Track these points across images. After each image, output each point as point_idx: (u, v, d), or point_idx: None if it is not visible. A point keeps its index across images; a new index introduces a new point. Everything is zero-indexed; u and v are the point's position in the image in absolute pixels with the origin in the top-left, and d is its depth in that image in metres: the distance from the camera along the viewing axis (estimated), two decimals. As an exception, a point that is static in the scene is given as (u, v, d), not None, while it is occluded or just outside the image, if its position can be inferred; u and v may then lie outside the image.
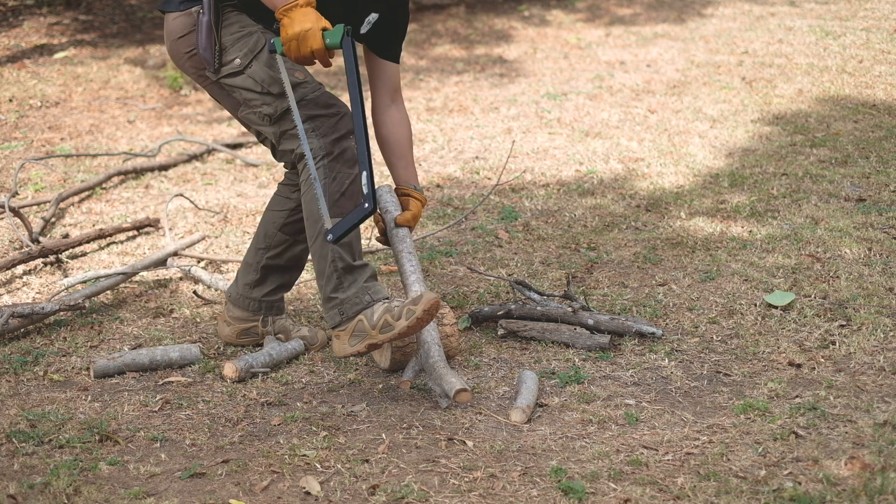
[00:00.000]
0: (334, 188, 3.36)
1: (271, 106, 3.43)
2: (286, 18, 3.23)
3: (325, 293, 3.42)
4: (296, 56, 3.24)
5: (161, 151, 6.30)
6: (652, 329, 3.85)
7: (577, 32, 9.83)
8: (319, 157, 3.37)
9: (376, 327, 3.33)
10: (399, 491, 2.90)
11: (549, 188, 5.63)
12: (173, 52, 3.54)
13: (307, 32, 3.20)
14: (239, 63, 3.43)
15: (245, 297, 3.77)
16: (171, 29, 3.51)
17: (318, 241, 3.40)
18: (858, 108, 6.92)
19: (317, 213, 3.38)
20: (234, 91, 3.49)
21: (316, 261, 3.43)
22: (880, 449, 3.02)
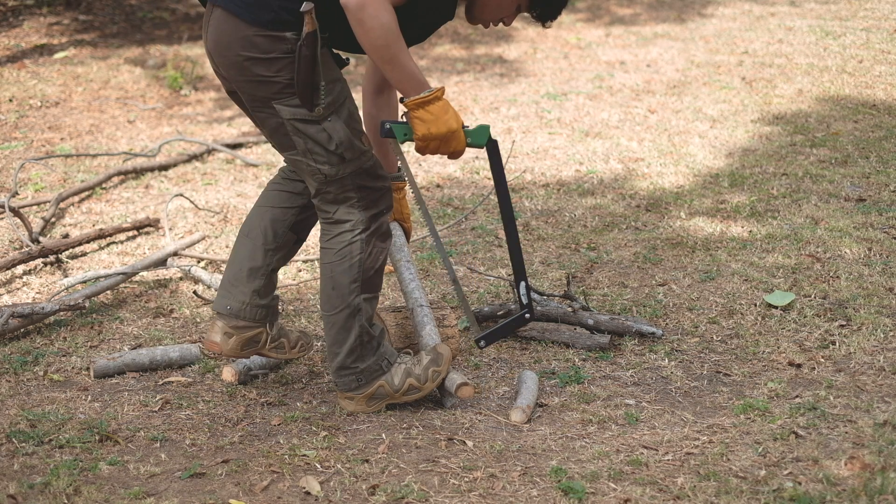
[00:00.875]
0: (369, 263, 3.23)
1: (334, 168, 3.15)
2: (424, 112, 3.08)
3: (341, 362, 3.28)
4: (432, 153, 3.16)
5: (161, 151, 6.30)
6: (652, 329, 3.85)
7: (577, 32, 9.83)
8: (359, 231, 3.20)
9: (400, 391, 3.33)
10: (399, 491, 2.90)
11: (549, 188, 5.63)
12: (240, 66, 3.09)
13: (454, 134, 3.12)
14: (321, 111, 3.10)
15: (253, 305, 3.38)
16: (249, 44, 3.06)
17: (344, 314, 3.23)
18: (858, 108, 6.92)
19: (347, 287, 3.22)
20: (298, 136, 3.13)
21: (335, 332, 3.26)
22: (880, 449, 3.02)
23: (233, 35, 3.08)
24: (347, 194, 3.18)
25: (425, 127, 3.09)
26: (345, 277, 3.22)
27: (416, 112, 3.09)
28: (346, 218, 3.20)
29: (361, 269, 3.22)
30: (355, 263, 3.21)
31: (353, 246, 3.20)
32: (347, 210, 3.20)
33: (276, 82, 3.07)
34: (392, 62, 3.03)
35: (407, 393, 3.33)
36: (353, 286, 3.22)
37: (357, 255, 3.21)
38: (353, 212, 3.20)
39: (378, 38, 2.98)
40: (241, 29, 3.06)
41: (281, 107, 3.10)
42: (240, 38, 3.06)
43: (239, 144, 6.48)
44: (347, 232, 3.21)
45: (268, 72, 3.06)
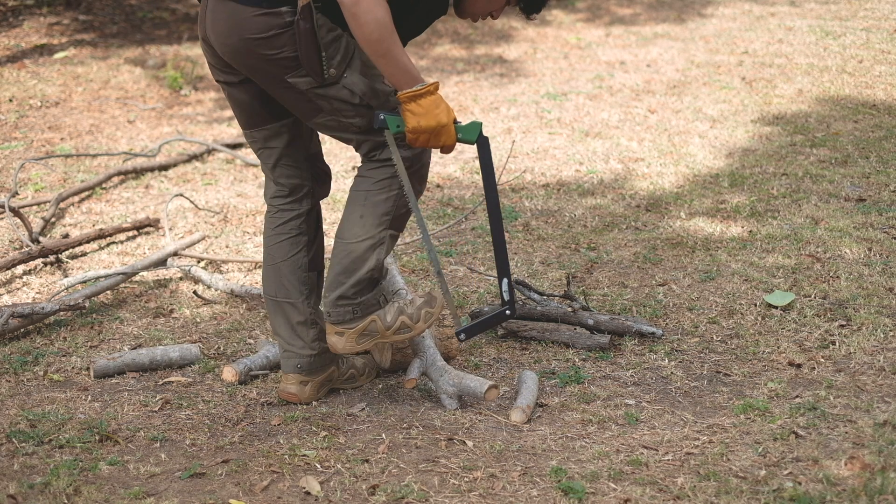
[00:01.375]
0: (402, 202, 3.24)
1: (365, 118, 3.18)
2: (416, 106, 3.08)
3: (343, 292, 3.24)
4: (421, 146, 3.15)
5: (161, 151, 6.30)
6: (652, 329, 3.85)
7: (577, 32, 9.83)
8: (405, 168, 3.21)
9: (391, 329, 3.29)
10: (399, 491, 2.90)
11: (549, 188, 5.63)
12: (244, 50, 3.11)
13: (443, 128, 3.12)
14: (334, 73, 3.11)
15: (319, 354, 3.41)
16: (248, 26, 3.08)
17: (366, 244, 3.22)
18: (858, 108, 6.92)
19: (378, 218, 3.21)
20: (322, 99, 3.15)
21: (350, 261, 3.23)
22: (880, 449, 3.02)
23: (231, 20, 3.09)
24: (382, 140, 3.20)
25: (416, 120, 3.09)
26: (379, 208, 3.21)
27: (408, 105, 3.08)
28: (387, 160, 3.21)
29: (396, 205, 3.22)
30: (392, 196, 3.22)
31: (394, 181, 3.21)
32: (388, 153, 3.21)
33: (281, 58, 3.08)
34: (386, 56, 3.03)
35: (399, 331, 3.29)
36: (384, 218, 3.22)
37: (396, 189, 3.22)
38: (400, 150, 3.20)
39: (372, 32, 2.98)
40: (238, 12, 3.07)
41: (296, 79, 3.11)
42: (238, 22, 3.07)
43: (239, 144, 6.48)
44: (390, 167, 3.21)
45: (271, 49, 3.07)
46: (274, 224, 3.40)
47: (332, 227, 5.09)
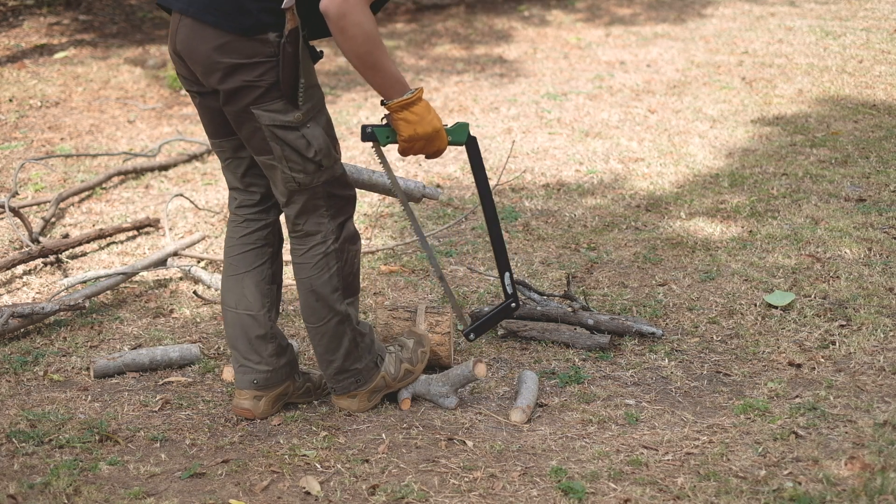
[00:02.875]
0: (347, 270, 3.21)
1: (309, 176, 3.08)
2: (410, 114, 3.04)
3: (339, 366, 3.28)
4: (416, 153, 3.13)
5: (161, 151, 6.30)
6: (652, 329, 3.85)
7: (577, 32, 9.83)
8: (331, 241, 3.16)
9: (397, 378, 3.38)
10: (399, 491, 2.90)
11: (549, 188, 5.63)
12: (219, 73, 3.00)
13: (438, 133, 3.10)
14: (300, 117, 3.03)
15: (277, 369, 3.34)
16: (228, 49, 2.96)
17: (333, 322, 3.22)
18: (858, 108, 6.92)
19: (330, 297, 3.19)
20: (276, 141, 3.04)
21: (327, 341, 3.24)
22: (880, 449, 3.02)
23: (209, 44, 2.98)
24: (317, 202, 3.13)
25: (411, 128, 3.05)
26: (326, 288, 3.19)
27: (401, 114, 3.05)
28: (315, 229, 3.16)
29: (341, 277, 3.20)
30: (334, 273, 3.19)
31: (329, 258, 3.18)
32: (317, 220, 3.15)
33: (258, 86, 2.98)
34: (375, 67, 2.98)
35: (404, 378, 3.38)
36: (335, 295, 3.20)
37: (335, 265, 3.19)
38: (322, 221, 3.15)
39: (361, 45, 2.93)
40: (219, 37, 2.97)
41: (260, 112, 3.01)
42: (218, 45, 2.97)
43: (239, 144, 6.47)
44: (319, 244, 3.17)
45: (250, 76, 2.97)
46: (239, 234, 3.32)
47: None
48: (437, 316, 3.64)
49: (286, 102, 3.01)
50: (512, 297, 3.40)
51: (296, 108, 3.02)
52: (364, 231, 5.05)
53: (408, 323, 3.66)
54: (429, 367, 3.64)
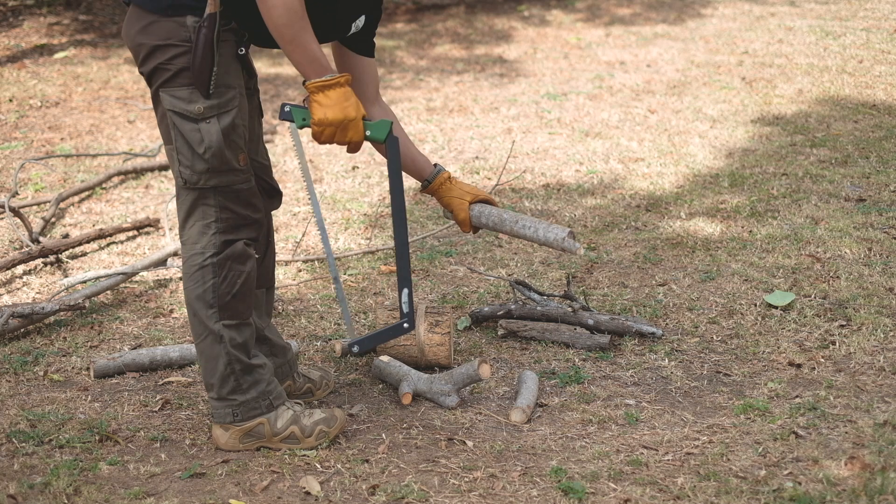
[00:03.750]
0: (225, 289, 3.03)
1: (196, 175, 2.99)
2: (323, 97, 2.93)
3: (218, 392, 3.10)
4: (326, 141, 2.97)
5: (161, 151, 6.30)
6: (652, 329, 3.85)
7: (577, 32, 9.83)
8: (209, 255, 3.02)
9: (279, 436, 3.12)
10: (399, 491, 2.90)
11: (549, 188, 5.63)
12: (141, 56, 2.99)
13: (351, 123, 2.97)
14: (199, 109, 2.95)
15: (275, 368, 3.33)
16: (148, 32, 2.96)
17: (208, 340, 3.06)
18: (858, 108, 6.92)
19: (202, 312, 3.04)
20: (174, 129, 2.99)
21: (205, 361, 3.09)
22: (880, 449, 3.02)
23: (135, 25, 2.99)
24: (207, 209, 3.01)
25: (322, 111, 2.94)
26: (199, 303, 3.04)
27: (316, 95, 2.94)
28: (196, 238, 3.03)
29: (216, 295, 3.02)
30: (208, 288, 3.03)
31: (205, 271, 3.03)
32: (202, 229, 3.02)
33: (168, 69, 2.94)
34: (293, 42, 2.90)
35: (286, 440, 3.13)
36: (209, 312, 3.04)
37: (210, 280, 3.02)
38: (206, 232, 3.02)
39: (280, 16, 2.86)
40: (141, 18, 2.96)
41: (164, 95, 2.96)
42: (141, 27, 2.97)
43: (239, 144, 6.48)
44: (197, 255, 3.03)
45: (163, 57, 2.94)
46: None
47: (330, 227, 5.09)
48: (437, 316, 3.64)
49: (193, 91, 2.94)
50: (406, 317, 3.14)
51: (200, 100, 2.94)
52: (364, 231, 5.05)
53: None
54: (429, 368, 3.64)
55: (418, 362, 3.65)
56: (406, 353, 3.63)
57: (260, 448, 3.14)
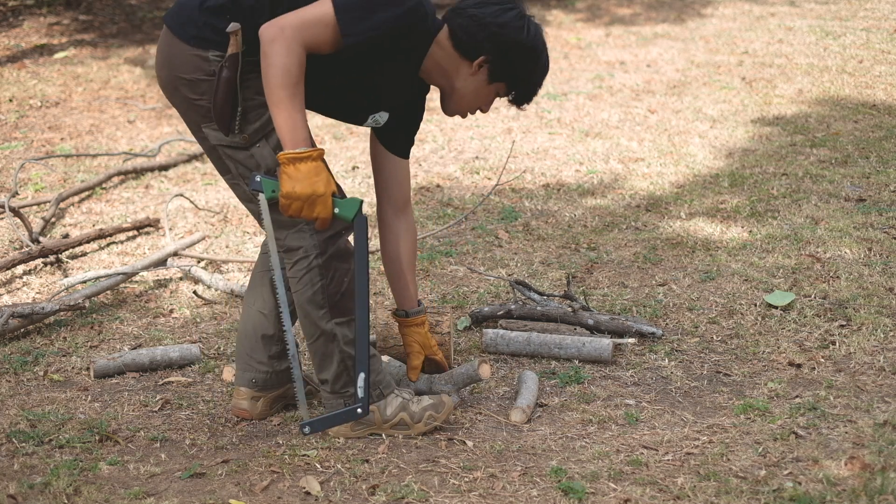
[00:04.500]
0: (333, 289, 3.07)
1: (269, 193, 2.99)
2: (294, 169, 2.85)
3: (332, 387, 3.17)
4: (293, 214, 2.89)
5: (161, 151, 6.30)
6: (652, 329, 3.85)
7: (577, 32, 9.83)
8: (313, 256, 3.05)
9: (388, 422, 3.19)
10: (399, 491, 2.90)
11: (549, 188, 5.63)
12: (171, 87, 3.05)
13: (318, 199, 2.87)
14: (245, 139, 3.00)
15: (276, 372, 3.33)
16: (177, 63, 3.00)
17: (321, 341, 3.12)
18: (858, 108, 6.92)
19: (314, 314, 3.09)
20: (230, 160, 3.06)
21: (319, 359, 3.15)
22: (880, 449, 3.02)
23: (166, 52, 3.02)
24: (291, 219, 3.00)
25: (291, 184, 2.85)
26: (311, 306, 3.09)
27: (287, 167, 2.85)
28: (297, 244, 3.05)
29: (326, 296, 3.07)
30: (318, 290, 3.07)
31: (312, 273, 3.06)
32: (296, 235, 3.05)
33: (199, 105, 2.98)
34: (278, 106, 2.83)
35: (396, 426, 3.20)
36: (321, 312, 3.08)
37: (318, 282, 3.06)
38: (302, 236, 3.04)
39: (274, 76, 2.81)
40: (173, 46, 2.99)
41: (208, 131, 3.02)
42: (171, 55, 3.00)
43: (239, 144, 6.48)
44: (302, 259, 3.06)
45: (192, 94, 2.98)
46: None
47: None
48: (436, 316, 3.64)
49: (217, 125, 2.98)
50: (361, 402, 3.08)
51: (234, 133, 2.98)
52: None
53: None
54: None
55: (418, 362, 3.65)
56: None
57: (372, 434, 3.21)
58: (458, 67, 3.11)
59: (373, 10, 2.90)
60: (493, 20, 3.06)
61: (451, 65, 3.11)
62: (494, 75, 3.11)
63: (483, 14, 3.06)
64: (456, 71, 3.11)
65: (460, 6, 3.11)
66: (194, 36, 2.96)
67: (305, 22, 2.85)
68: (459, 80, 3.12)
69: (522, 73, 3.13)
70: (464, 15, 3.07)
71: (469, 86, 3.13)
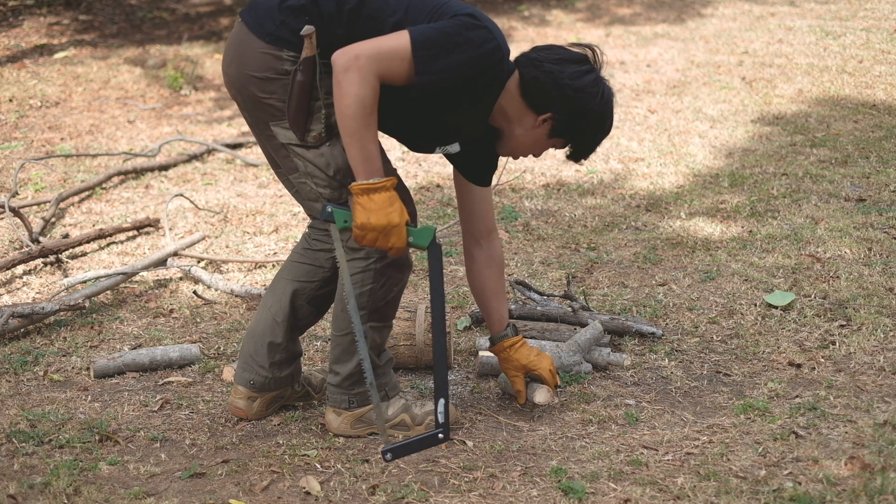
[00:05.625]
0: (381, 294, 3.09)
1: (337, 192, 3.01)
2: (367, 200, 2.85)
3: (339, 382, 3.18)
4: (367, 244, 2.91)
5: (161, 151, 6.30)
6: (652, 329, 3.85)
7: (577, 32, 9.83)
8: (373, 259, 3.05)
9: (389, 422, 3.20)
10: (399, 491, 2.90)
11: (549, 188, 5.63)
12: (238, 84, 3.01)
13: (394, 229, 2.87)
14: (315, 138, 2.98)
15: (275, 378, 3.32)
16: (248, 60, 2.97)
17: (349, 338, 3.12)
18: (858, 108, 6.92)
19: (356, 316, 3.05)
20: (298, 158, 3.02)
21: (339, 352, 3.16)
22: (880, 449, 3.02)
23: (239, 48, 3.00)
24: None
25: (365, 215, 2.86)
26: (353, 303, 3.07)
27: (360, 198, 2.86)
28: (358, 245, 3.01)
29: (372, 299, 3.08)
30: (366, 292, 3.07)
31: (367, 274, 3.06)
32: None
33: (268, 104, 2.97)
34: (352, 136, 2.84)
35: (396, 426, 3.21)
36: (360, 312, 3.07)
37: (369, 284, 3.07)
38: None
39: (348, 106, 2.80)
40: (247, 42, 2.97)
41: (277, 129, 3.00)
42: (244, 52, 2.98)
43: (239, 144, 6.48)
44: (362, 259, 3.06)
45: (262, 92, 2.96)
46: (304, 245, 3.27)
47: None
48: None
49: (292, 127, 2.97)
50: (442, 427, 3.07)
51: (306, 133, 2.97)
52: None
53: (408, 323, 3.65)
54: (428, 368, 3.64)
55: (418, 362, 3.65)
56: (407, 353, 3.63)
57: (371, 434, 3.22)
58: (522, 116, 3.05)
59: (451, 50, 2.85)
60: (570, 83, 3.00)
61: (516, 112, 3.05)
62: (557, 132, 3.06)
63: (561, 74, 3.00)
64: (519, 119, 3.06)
65: (538, 58, 3.03)
66: (270, 33, 2.93)
67: (381, 53, 2.81)
68: (521, 128, 3.07)
69: (587, 136, 3.09)
70: (541, 69, 3.01)
71: (529, 136, 3.08)
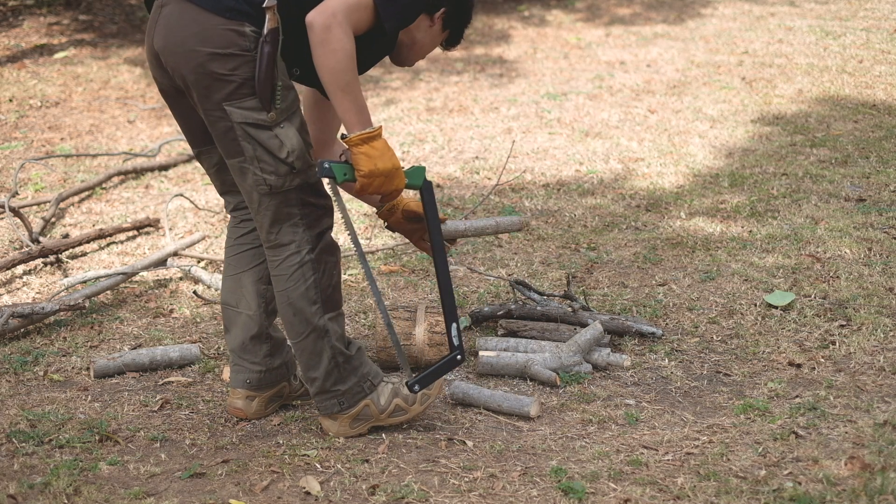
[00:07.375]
0: (325, 282, 3.10)
1: (281, 178, 3.01)
2: (370, 148, 2.92)
3: (320, 386, 3.17)
4: (374, 191, 2.97)
5: (161, 151, 6.31)
6: (652, 329, 3.85)
7: (576, 32, 9.83)
8: (306, 251, 3.07)
9: (385, 412, 3.21)
10: (399, 491, 2.90)
11: (549, 188, 5.63)
12: (193, 62, 2.94)
13: (397, 171, 2.97)
14: (274, 116, 2.97)
15: (269, 370, 3.33)
16: (207, 37, 2.92)
17: (311, 338, 3.12)
18: (858, 108, 6.92)
19: (307, 310, 3.09)
20: (247, 140, 2.99)
21: (307, 357, 3.14)
22: (880, 449, 3.02)
23: (189, 28, 2.94)
24: (291, 210, 3.05)
25: (372, 163, 2.93)
26: (303, 301, 3.09)
27: (361, 147, 2.93)
28: (288, 239, 3.07)
29: (319, 290, 3.10)
30: (311, 285, 3.09)
31: (305, 268, 3.08)
32: (290, 229, 3.07)
33: (230, 81, 2.93)
34: (345, 90, 2.90)
35: (393, 414, 3.22)
36: (314, 308, 3.09)
37: (311, 276, 3.09)
38: (296, 231, 3.07)
39: (339, 61, 2.87)
40: (199, 20, 2.93)
41: (232, 109, 2.96)
42: (196, 31, 2.93)
43: (239, 144, 6.48)
44: (294, 254, 3.08)
45: (223, 69, 2.92)
46: (236, 235, 3.31)
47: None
48: (437, 316, 3.64)
49: (259, 101, 2.96)
50: (458, 349, 3.16)
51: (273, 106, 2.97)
52: (364, 231, 5.05)
53: (408, 323, 3.66)
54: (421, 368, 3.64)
55: (418, 362, 3.66)
56: (406, 353, 3.63)
57: (372, 429, 3.24)
58: (420, 22, 3.18)
59: None
60: None
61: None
62: (447, 24, 3.21)
63: None
64: (417, 25, 3.18)
65: None
66: (230, 8, 2.92)
67: (351, 7, 2.91)
68: (419, 32, 3.20)
69: (465, 21, 3.25)
70: None
71: (427, 37, 3.22)
